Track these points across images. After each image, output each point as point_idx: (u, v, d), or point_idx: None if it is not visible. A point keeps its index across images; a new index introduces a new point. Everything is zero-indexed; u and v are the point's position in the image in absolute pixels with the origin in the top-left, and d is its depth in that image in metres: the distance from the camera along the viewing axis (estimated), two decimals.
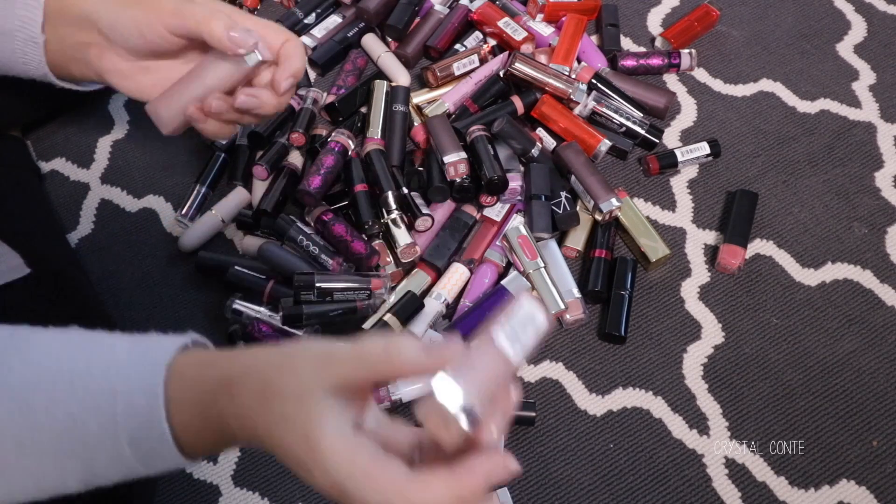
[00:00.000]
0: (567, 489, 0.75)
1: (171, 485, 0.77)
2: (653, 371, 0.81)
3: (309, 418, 0.38)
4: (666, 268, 0.88)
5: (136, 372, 0.44)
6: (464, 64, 0.99)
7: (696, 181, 0.94)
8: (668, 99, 0.97)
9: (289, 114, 0.96)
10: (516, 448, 0.77)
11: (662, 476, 0.76)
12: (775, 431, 0.78)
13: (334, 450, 0.38)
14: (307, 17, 1.06)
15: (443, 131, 0.89)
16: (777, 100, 1.00)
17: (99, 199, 0.96)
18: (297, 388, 0.39)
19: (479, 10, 1.03)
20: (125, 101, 1.04)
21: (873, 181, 0.93)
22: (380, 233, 0.88)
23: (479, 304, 0.80)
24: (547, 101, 0.94)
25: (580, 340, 0.84)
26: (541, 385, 0.81)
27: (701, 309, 0.85)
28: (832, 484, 0.75)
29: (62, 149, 1.00)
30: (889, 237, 0.89)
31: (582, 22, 1.01)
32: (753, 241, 0.89)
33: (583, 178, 0.88)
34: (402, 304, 0.81)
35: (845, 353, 0.82)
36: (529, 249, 0.82)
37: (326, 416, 0.39)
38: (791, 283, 0.86)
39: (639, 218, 0.88)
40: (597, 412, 0.79)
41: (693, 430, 0.78)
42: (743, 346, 0.83)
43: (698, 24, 1.04)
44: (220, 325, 0.85)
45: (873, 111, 0.99)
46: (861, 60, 1.04)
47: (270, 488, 0.77)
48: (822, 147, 0.96)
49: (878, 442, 0.77)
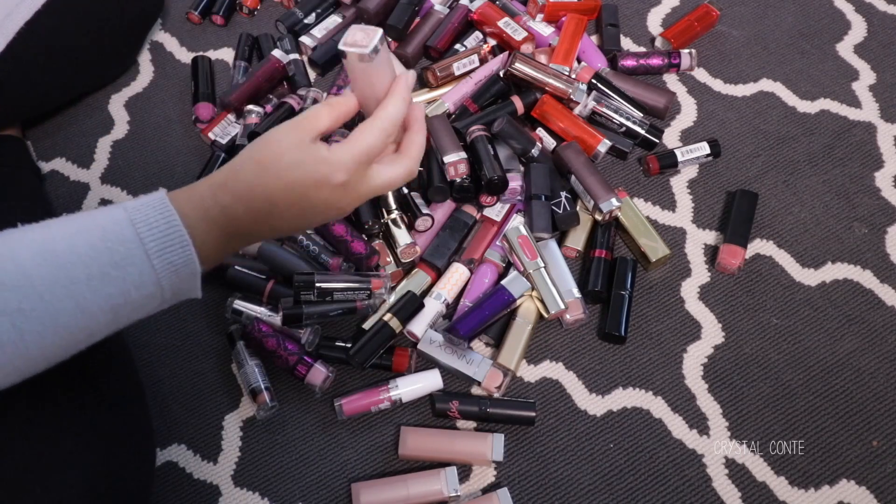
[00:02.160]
0: (567, 489, 0.75)
1: (172, 485, 0.77)
2: (653, 371, 0.81)
3: (312, 148, 0.53)
4: (666, 268, 0.88)
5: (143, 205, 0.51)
6: (464, 64, 0.99)
7: (696, 181, 0.94)
8: (668, 99, 0.97)
9: (289, 114, 0.96)
10: (516, 448, 0.77)
11: (662, 476, 0.76)
12: (775, 431, 0.78)
13: (341, 154, 0.53)
14: (307, 17, 1.06)
15: (443, 131, 0.89)
16: (777, 100, 1.00)
17: (99, 199, 0.96)
18: (287, 146, 0.53)
19: (479, 10, 1.03)
20: (125, 101, 1.04)
21: (873, 181, 0.93)
22: (380, 233, 0.88)
23: (479, 304, 0.80)
24: (547, 101, 0.94)
25: (580, 340, 0.84)
26: (541, 385, 0.81)
27: (701, 309, 0.85)
28: (832, 484, 0.75)
29: (62, 149, 1.00)
30: (889, 237, 0.89)
31: (582, 22, 1.01)
32: (753, 241, 0.89)
33: (583, 178, 0.88)
34: (402, 304, 0.81)
35: (845, 353, 0.82)
36: (529, 249, 0.82)
37: (319, 145, 0.53)
38: (791, 283, 0.86)
39: (639, 218, 0.88)
40: (597, 412, 0.79)
41: (693, 430, 0.78)
42: (743, 346, 0.83)
43: (698, 24, 1.04)
44: (220, 325, 0.85)
45: (873, 111, 0.99)
46: (861, 60, 1.04)
47: (270, 488, 0.77)
48: (822, 147, 0.96)
49: (878, 442, 0.77)
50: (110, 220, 0.49)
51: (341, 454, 0.78)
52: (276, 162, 0.52)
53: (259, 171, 0.53)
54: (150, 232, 0.49)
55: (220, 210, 0.53)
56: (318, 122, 0.54)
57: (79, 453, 0.59)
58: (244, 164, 0.53)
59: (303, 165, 0.52)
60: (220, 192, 0.53)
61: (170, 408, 0.81)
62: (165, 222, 0.50)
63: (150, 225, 0.49)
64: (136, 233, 0.49)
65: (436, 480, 0.73)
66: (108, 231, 0.49)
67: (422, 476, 0.74)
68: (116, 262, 0.48)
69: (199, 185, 0.54)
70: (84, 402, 0.62)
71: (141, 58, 1.09)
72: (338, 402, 0.78)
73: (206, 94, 1.01)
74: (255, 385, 0.79)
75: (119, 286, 0.49)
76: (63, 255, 0.47)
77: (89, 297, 0.48)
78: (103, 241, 0.48)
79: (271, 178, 0.53)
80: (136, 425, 0.67)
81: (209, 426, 0.80)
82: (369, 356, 0.78)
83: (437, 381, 0.79)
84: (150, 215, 0.50)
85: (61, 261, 0.47)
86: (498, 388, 0.78)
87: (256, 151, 0.53)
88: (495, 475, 0.76)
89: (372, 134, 0.55)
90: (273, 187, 0.53)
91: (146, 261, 0.49)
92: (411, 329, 0.81)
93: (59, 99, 1.01)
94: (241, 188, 0.53)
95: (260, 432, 0.79)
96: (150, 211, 0.50)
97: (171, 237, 0.50)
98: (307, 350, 0.80)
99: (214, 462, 0.78)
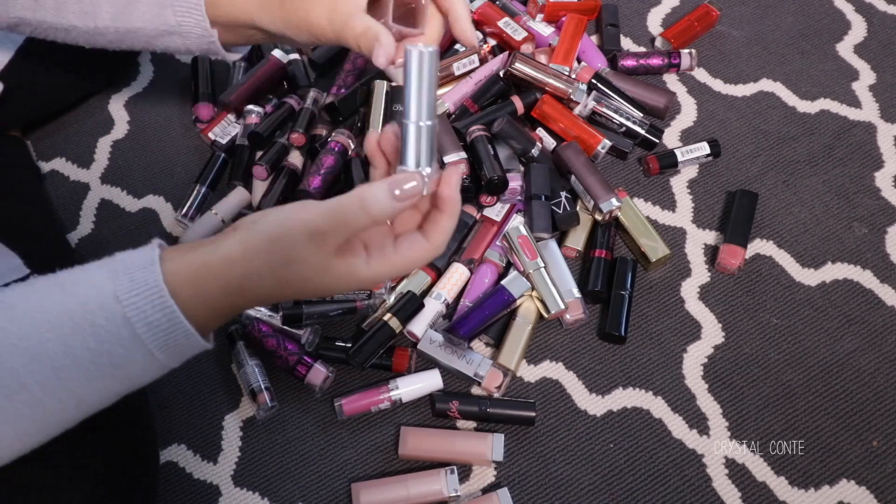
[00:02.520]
0: (567, 489, 0.75)
1: (172, 485, 0.77)
2: (653, 371, 0.81)
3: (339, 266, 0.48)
4: (666, 268, 0.88)
5: (140, 299, 0.46)
6: (464, 64, 0.99)
7: (696, 181, 0.94)
8: (668, 99, 0.97)
9: (289, 114, 0.96)
10: (516, 448, 0.77)
11: (662, 476, 0.76)
12: (775, 431, 0.78)
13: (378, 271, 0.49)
14: None
15: (443, 131, 0.89)
16: (777, 100, 1.00)
17: (99, 199, 0.96)
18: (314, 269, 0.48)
19: (479, 10, 1.03)
20: (125, 100, 1.04)
21: (873, 181, 0.93)
22: None
23: (479, 304, 0.80)
24: (547, 101, 0.94)
25: (580, 340, 0.84)
26: (541, 385, 0.81)
27: (701, 309, 0.85)
28: (832, 484, 0.75)
29: (62, 149, 1.00)
30: (889, 237, 0.89)
31: (582, 22, 1.01)
32: (753, 241, 0.89)
33: (583, 177, 0.88)
34: (402, 304, 0.81)
35: (845, 353, 0.82)
36: (529, 249, 0.82)
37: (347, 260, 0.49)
38: (791, 283, 0.86)
39: (639, 218, 0.88)
40: (597, 412, 0.79)
41: (693, 430, 0.78)
42: (743, 346, 0.83)
43: (698, 24, 1.04)
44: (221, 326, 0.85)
45: (873, 111, 0.99)
46: (861, 60, 1.04)
47: (270, 488, 0.77)
48: (822, 147, 0.96)
49: (878, 442, 0.77)
50: (105, 319, 0.45)
51: (341, 454, 0.78)
52: (300, 283, 0.49)
53: (279, 286, 0.48)
54: (150, 333, 0.46)
55: (230, 307, 0.49)
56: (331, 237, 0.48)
57: (83, 458, 0.59)
58: (263, 278, 0.48)
59: (327, 280, 0.49)
60: (233, 295, 0.48)
61: (170, 408, 0.81)
62: (168, 320, 0.46)
63: (150, 325, 0.46)
64: (134, 333, 0.46)
65: (436, 480, 0.73)
66: (104, 331, 0.45)
67: (422, 476, 0.74)
68: (117, 363, 0.46)
69: (209, 285, 0.48)
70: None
71: (141, 58, 1.09)
72: (338, 402, 0.78)
73: (206, 94, 1.01)
74: (255, 385, 0.79)
75: (122, 379, 0.47)
76: (58, 358, 0.45)
77: (94, 395, 0.47)
78: (100, 344, 0.45)
79: (289, 292, 0.50)
80: (140, 428, 0.67)
81: (209, 426, 0.80)
82: (369, 356, 0.78)
83: (438, 381, 0.79)
84: (149, 314, 0.46)
85: (57, 364, 0.45)
86: (498, 388, 0.78)
87: (279, 265, 0.48)
88: (495, 475, 0.76)
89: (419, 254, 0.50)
90: (289, 293, 0.50)
91: (149, 356, 0.47)
92: (411, 329, 0.81)
93: (64, 102, 1.02)
94: (255, 296, 0.49)
95: (260, 432, 0.79)
96: (148, 308, 0.46)
97: (174, 334, 0.47)
98: (307, 350, 0.80)
99: (214, 462, 0.78)
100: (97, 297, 0.46)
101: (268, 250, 0.47)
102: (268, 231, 0.47)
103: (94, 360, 0.45)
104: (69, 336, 0.45)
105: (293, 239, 0.47)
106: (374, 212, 0.47)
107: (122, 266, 0.47)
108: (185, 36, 0.69)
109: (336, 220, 0.47)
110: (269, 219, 0.48)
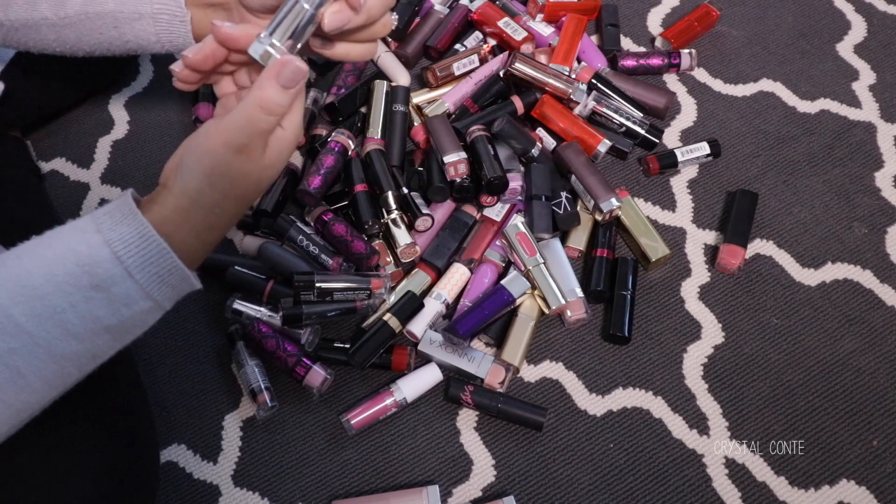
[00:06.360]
0: (567, 489, 0.75)
1: (172, 485, 0.77)
2: (653, 371, 0.81)
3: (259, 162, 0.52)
4: (666, 268, 0.88)
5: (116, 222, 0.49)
6: (464, 64, 0.99)
7: (696, 181, 0.94)
8: (668, 99, 0.97)
9: None
10: (517, 448, 0.77)
11: (662, 476, 0.76)
12: (775, 431, 0.78)
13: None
14: None
15: (443, 131, 0.89)
16: (777, 100, 1.00)
17: (99, 199, 0.96)
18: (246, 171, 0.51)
19: (479, 10, 1.03)
20: (125, 100, 1.04)
21: (873, 181, 0.93)
22: (380, 233, 0.88)
23: (479, 304, 0.80)
24: (547, 101, 0.94)
25: (580, 340, 0.84)
26: (541, 385, 0.81)
27: (701, 309, 0.85)
28: (832, 484, 0.75)
29: (62, 149, 1.00)
30: (889, 237, 0.89)
31: (582, 22, 1.01)
32: (753, 241, 0.89)
33: (583, 177, 0.88)
34: (402, 304, 0.81)
35: (845, 353, 0.82)
36: (528, 246, 0.82)
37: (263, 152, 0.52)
38: (791, 283, 0.86)
39: (639, 217, 0.88)
40: (597, 412, 0.79)
41: (693, 430, 0.78)
42: (743, 346, 0.83)
43: (698, 24, 1.04)
44: (220, 325, 0.85)
45: (873, 111, 0.99)
46: (861, 60, 1.04)
47: (270, 488, 0.77)
48: (822, 147, 0.96)
49: (878, 442, 0.77)
50: (83, 243, 0.48)
51: (341, 454, 0.78)
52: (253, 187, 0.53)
53: (239, 201, 0.54)
54: (126, 249, 0.48)
55: (210, 243, 0.54)
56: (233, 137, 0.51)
57: (85, 458, 0.59)
58: (223, 206, 0.53)
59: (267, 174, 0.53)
60: (205, 232, 0.53)
61: (170, 408, 0.81)
62: (140, 236, 0.48)
63: (125, 243, 0.48)
64: (112, 252, 0.48)
65: (417, 498, 0.73)
66: (83, 255, 0.47)
67: (403, 494, 0.73)
68: (97, 284, 0.47)
69: (181, 232, 0.52)
70: (89, 407, 0.62)
71: (141, 58, 1.09)
72: (344, 417, 0.77)
73: (206, 94, 1.01)
74: (255, 385, 0.79)
75: (106, 307, 0.48)
76: (41, 286, 0.46)
77: (78, 322, 0.47)
78: (80, 266, 0.47)
79: (250, 198, 0.54)
80: (140, 428, 0.67)
81: (209, 426, 0.80)
82: (369, 356, 0.78)
83: (437, 374, 0.79)
84: (124, 233, 0.48)
85: (40, 292, 0.46)
86: (501, 384, 0.78)
87: (230, 187, 0.52)
88: (495, 475, 0.76)
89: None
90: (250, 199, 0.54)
91: (128, 278, 0.48)
92: (411, 329, 0.81)
93: (64, 102, 1.02)
94: (225, 220, 0.54)
95: (260, 432, 0.79)
96: (124, 229, 0.49)
97: (148, 250, 0.49)
98: (307, 350, 0.80)
99: (214, 462, 0.78)
100: (75, 228, 0.49)
101: (210, 184, 0.51)
102: (200, 169, 0.51)
103: (75, 282, 0.47)
104: (51, 264, 0.47)
105: (227, 161, 0.50)
106: (276, 110, 0.50)
107: (97, 211, 0.50)
108: (157, 19, 0.68)
109: (251, 131, 0.50)
110: (193, 157, 0.51)
